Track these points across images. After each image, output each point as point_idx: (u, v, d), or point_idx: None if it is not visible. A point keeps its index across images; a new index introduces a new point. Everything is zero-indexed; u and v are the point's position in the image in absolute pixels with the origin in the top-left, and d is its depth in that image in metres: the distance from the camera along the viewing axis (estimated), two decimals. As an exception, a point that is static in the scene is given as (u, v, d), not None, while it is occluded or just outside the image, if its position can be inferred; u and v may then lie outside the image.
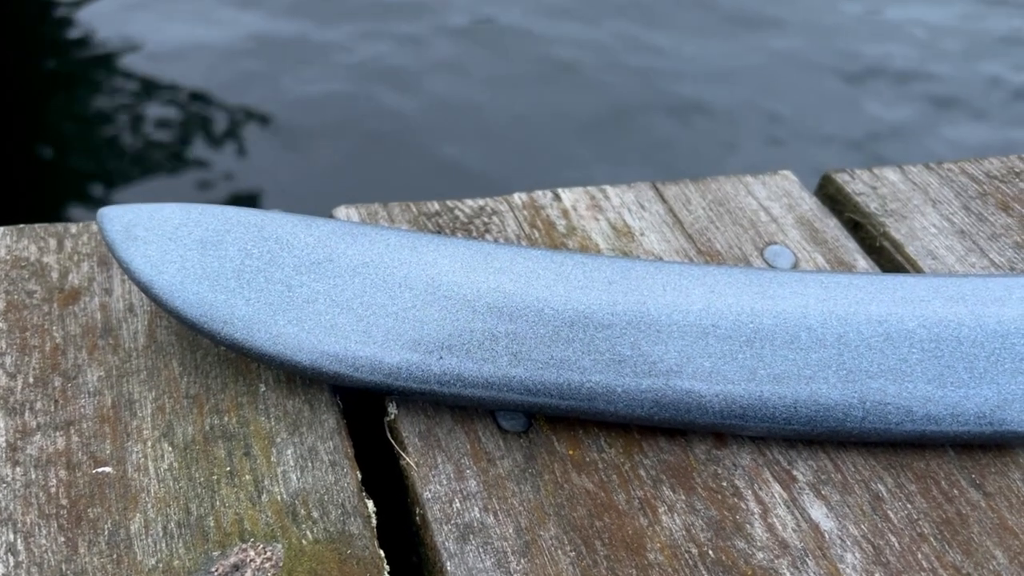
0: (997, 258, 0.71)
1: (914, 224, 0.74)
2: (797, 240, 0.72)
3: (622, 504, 0.54)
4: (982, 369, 0.56)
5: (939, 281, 0.60)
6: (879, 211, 0.75)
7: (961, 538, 0.53)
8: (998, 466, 0.57)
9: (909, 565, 0.51)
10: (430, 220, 0.72)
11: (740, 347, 0.56)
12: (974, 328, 0.57)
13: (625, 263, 0.60)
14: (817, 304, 0.58)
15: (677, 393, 0.55)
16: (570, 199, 0.74)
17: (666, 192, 0.76)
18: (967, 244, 0.72)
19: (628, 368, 0.56)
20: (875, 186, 0.77)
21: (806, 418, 0.55)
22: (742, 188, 0.76)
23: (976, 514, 0.54)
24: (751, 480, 0.55)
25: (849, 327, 0.57)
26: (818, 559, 0.52)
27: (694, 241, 0.71)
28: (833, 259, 0.70)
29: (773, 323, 0.57)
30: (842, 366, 0.56)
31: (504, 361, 0.56)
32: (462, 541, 0.52)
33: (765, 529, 0.53)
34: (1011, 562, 0.52)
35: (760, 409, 0.55)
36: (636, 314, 0.57)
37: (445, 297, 0.57)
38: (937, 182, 0.78)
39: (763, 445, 0.57)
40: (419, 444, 0.57)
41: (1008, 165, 0.80)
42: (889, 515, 0.54)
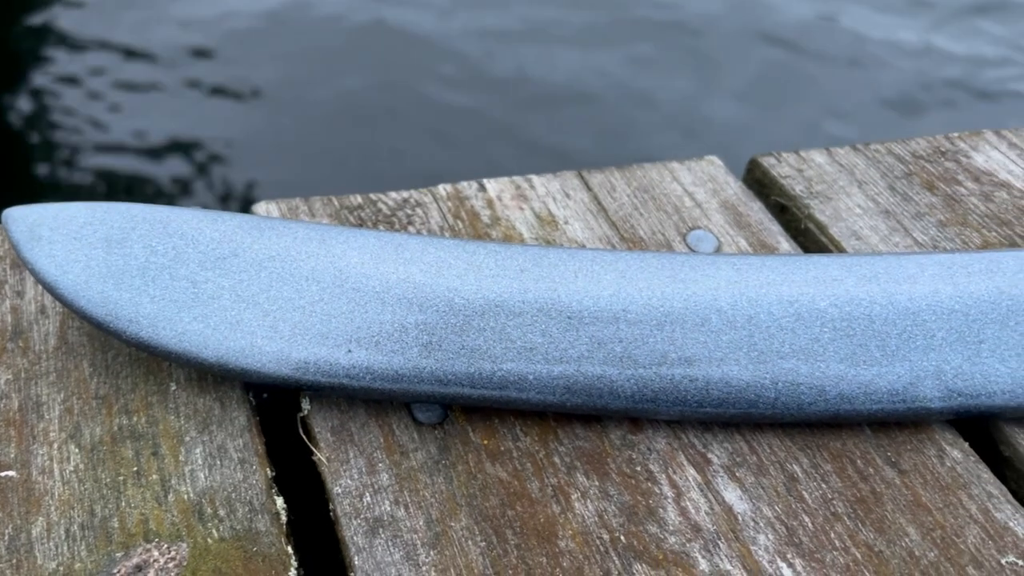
0: (921, 237, 0.71)
1: (839, 205, 0.73)
2: (721, 224, 0.71)
3: (535, 492, 0.53)
4: (894, 347, 0.56)
5: (851, 260, 0.59)
6: (804, 193, 0.75)
7: (875, 516, 0.53)
8: (914, 443, 0.57)
9: (822, 545, 0.51)
10: (352, 213, 0.71)
11: (651, 331, 0.56)
12: (886, 306, 0.57)
13: (537, 251, 0.59)
14: (728, 286, 0.57)
15: (589, 379, 0.55)
16: (495, 189, 0.74)
17: (591, 180, 0.75)
18: (891, 224, 0.72)
19: (539, 355, 0.55)
20: (801, 169, 0.77)
21: (718, 400, 0.55)
22: (668, 174, 0.76)
23: (891, 492, 0.54)
24: (665, 464, 0.55)
25: (760, 308, 0.56)
26: (730, 542, 0.51)
27: (618, 228, 0.71)
28: (756, 242, 0.70)
29: (683, 306, 0.56)
30: (753, 347, 0.55)
31: (414, 352, 0.55)
32: (371, 535, 0.51)
33: (678, 513, 0.52)
34: (923, 538, 0.52)
35: (672, 392, 0.55)
36: (547, 301, 0.56)
37: (353, 289, 0.56)
38: (864, 163, 0.78)
39: (679, 429, 0.57)
40: (331, 439, 0.56)
41: (935, 145, 0.80)
42: (803, 495, 0.54)
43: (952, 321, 0.56)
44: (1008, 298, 0.57)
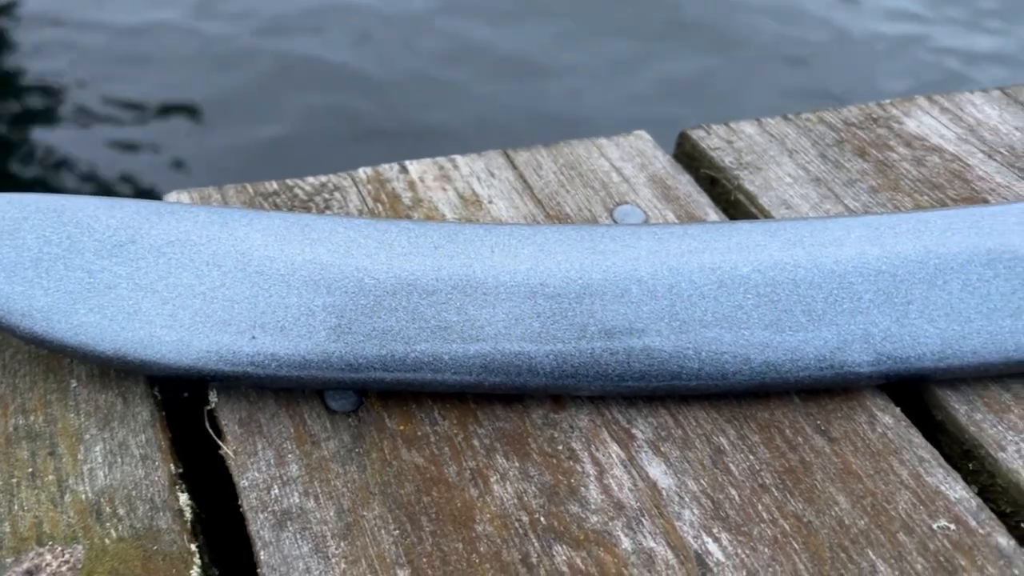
0: (852, 203, 0.69)
1: (769, 175, 0.72)
2: (649, 199, 0.70)
3: (452, 477, 0.51)
4: (820, 311, 0.54)
5: (776, 226, 0.58)
6: (734, 164, 0.73)
7: (804, 486, 0.51)
8: (844, 410, 0.55)
9: (749, 517, 0.49)
10: (267, 200, 0.68)
11: (569, 304, 0.54)
12: (811, 270, 0.55)
13: (453, 227, 0.57)
14: (649, 256, 0.55)
15: (506, 356, 0.53)
16: (417, 171, 0.72)
17: (517, 159, 0.73)
18: (822, 191, 0.70)
19: (455, 334, 0.53)
20: (731, 140, 0.75)
21: (640, 373, 0.53)
22: (595, 150, 0.74)
23: (820, 461, 0.52)
24: (588, 442, 0.53)
25: (681, 277, 0.54)
26: (654, 518, 0.49)
27: (543, 206, 0.69)
28: (684, 215, 0.68)
29: (603, 278, 0.54)
30: (675, 317, 0.53)
31: (323, 336, 0.52)
32: (278, 528, 0.48)
33: (601, 491, 0.50)
34: (853, 506, 0.50)
35: (592, 367, 0.53)
36: (462, 278, 0.54)
37: (257, 273, 0.54)
38: (794, 132, 0.76)
39: (602, 405, 0.55)
40: (239, 431, 0.53)
41: (867, 112, 0.79)
42: (730, 468, 0.52)
43: (879, 283, 0.55)
44: (936, 257, 0.56)
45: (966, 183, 0.71)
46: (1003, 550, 0.48)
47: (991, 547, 0.48)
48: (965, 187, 0.71)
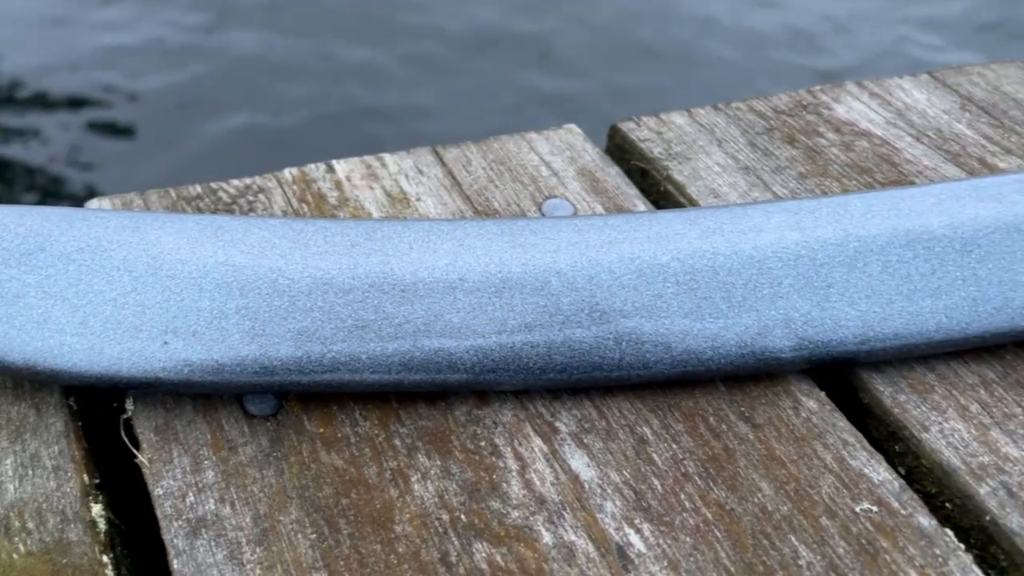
0: (780, 190, 0.69)
1: (698, 165, 0.72)
2: (578, 192, 0.69)
3: (372, 478, 0.50)
4: (740, 297, 0.54)
5: (696, 214, 0.57)
6: (663, 155, 0.73)
7: (727, 474, 0.51)
8: (769, 396, 0.55)
9: (671, 507, 0.49)
10: (190, 204, 0.67)
11: (489, 299, 0.53)
12: (730, 256, 0.55)
13: (371, 224, 0.56)
14: (569, 248, 0.55)
15: (426, 353, 0.52)
16: (344, 170, 0.71)
17: (446, 155, 0.72)
18: (751, 179, 0.70)
19: (372, 333, 0.52)
20: (661, 131, 0.75)
21: (561, 365, 0.52)
22: (525, 145, 0.74)
23: (744, 447, 0.52)
24: (511, 437, 0.52)
25: (601, 268, 0.54)
26: (576, 511, 0.49)
27: (472, 202, 0.68)
28: (613, 207, 0.68)
29: (522, 271, 0.54)
30: (595, 308, 0.53)
31: (236, 340, 0.51)
32: (192, 536, 0.47)
33: (522, 486, 0.50)
34: (776, 492, 0.50)
35: (513, 361, 0.52)
36: (379, 275, 0.53)
37: (169, 277, 0.53)
38: (724, 122, 0.76)
39: (527, 399, 0.54)
40: (155, 439, 0.52)
41: (796, 99, 0.79)
42: (653, 458, 0.51)
43: (799, 267, 0.55)
44: (855, 240, 0.56)
45: (894, 166, 0.72)
46: (924, 530, 0.48)
47: (913, 528, 0.48)
48: (893, 170, 0.71)
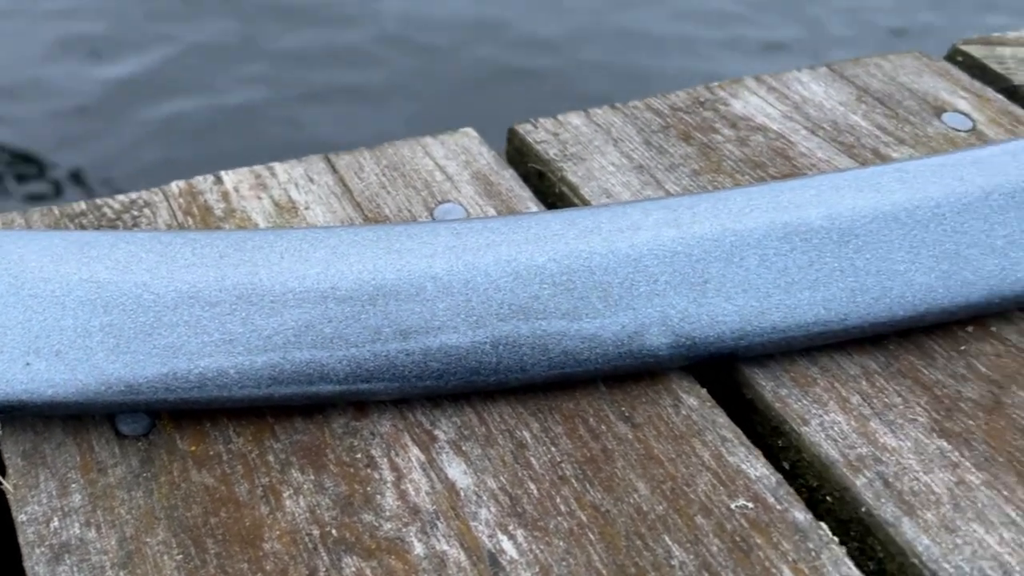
0: (673, 188, 0.69)
1: (592, 165, 0.71)
2: (471, 196, 0.68)
3: (243, 496, 0.49)
4: (617, 296, 0.53)
5: (575, 214, 0.57)
6: (558, 156, 0.72)
7: (604, 475, 0.50)
8: (649, 395, 0.54)
9: (546, 511, 0.48)
10: (73, 221, 0.66)
11: (363, 307, 0.52)
12: (607, 256, 0.54)
13: (242, 235, 0.55)
14: (445, 252, 0.54)
15: (296, 365, 0.51)
16: (233, 180, 0.69)
17: (338, 163, 0.71)
18: (644, 178, 0.70)
19: (240, 346, 0.51)
20: (557, 132, 0.74)
21: (438, 372, 0.52)
22: (420, 150, 0.73)
23: (622, 448, 0.51)
24: (389, 447, 0.51)
25: (477, 271, 0.53)
26: (450, 520, 0.48)
27: (362, 209, 0.67)
28: (505, 210, 0.67)
29: (397, 277, 0.53)
30: (471, 312, 0.52)
31: (101, 358, 0.50)
32: (55, 563, 0.46)
33: (397, 497, 0.49)
34: (653, 492, 0.49)
35: (388, 370, 0.51)
36: (248, 287, 0.52)
37: (31, 296, 0.51)
38: (621, 121, 0.76)
39: (406, 408, 0.53)
40: (21, 464, 0.51)
41: (694, 96, 0.79)
42: (531, 462, 0.51)
43: (676, 264, 0.54)
44: (732, 234, 0.55)
45: (788, 160, 0.72)
46: (799, 525, 0.48)
47: (787, 523, 0.48)
48: (787, 164, 0.71)
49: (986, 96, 0.79)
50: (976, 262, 0.56)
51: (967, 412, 0.53)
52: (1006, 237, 0.57)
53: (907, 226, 0.56)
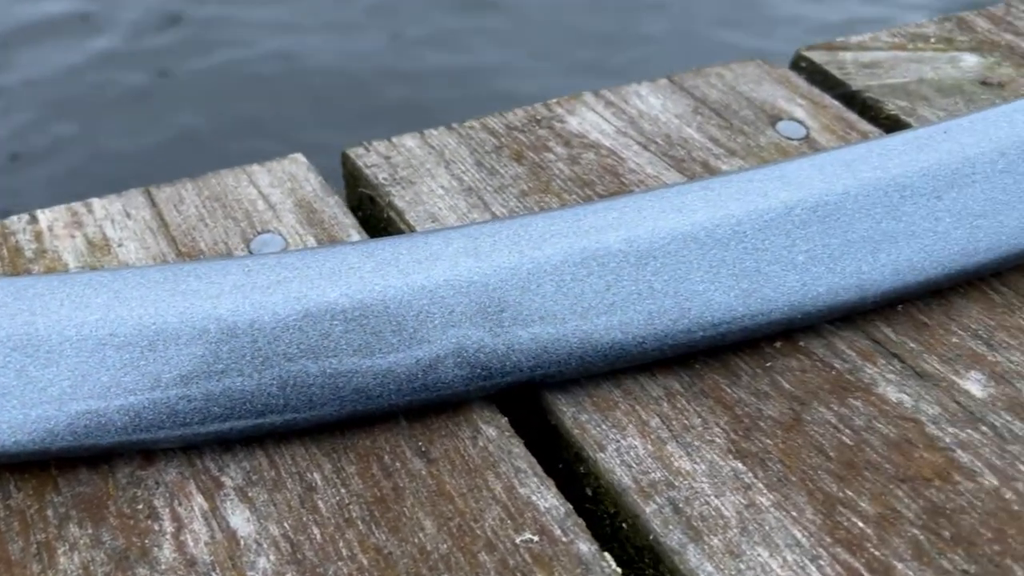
0: (500, 210, 0.68)
1: (421, 189, 0.70)
2: (292, 225, 0.67)
3: (16, 554, 0.47)
4: (411, 329, 0.53)
5: (375, 245, 0.56)
6: (387, 181, 0.71)
7: (391, 515, 0.49)
8: (449, 427, 0.53)
9: (328, 556, 0.47)
10: None
11: (141, 353, 0.51)
12: (402, 288, 0.53)
13: (25, 282, 0.53)
14: (232, 291, 0.53)
15: (72, 417, 0.49)
16: (48, 219, 0.67)
17: (158, 195, 0.70)
18: (472, 200, 0.69)
19: (14, 400, 0.49)
20: (389, 156, 0.73)
21: (222, 416, 0.50)
22: (245, 178, 0.71)
23: (414, 485, 0.50)
24: (172, 497, 0.50)
25: (264, 310, 0.52)
26: (226, 570, 0.46)
27: (177, 244, 0.65)
28: (327, 238, 0.66)
29: (179, 321, 0.51)
30: (257, 353, 0.51)
31: None
32: None
33: (175, 549, 0.47)
34: (439, 530, 0.48)
35: (169, 417, 0.50)
36: (23, 337, 0.50)
37: None
38: (455, 142, 0.75)
39: (195, 454, 0.52)
40: None
41: (531, 114, 0.78)
42: (319, 505, 0.50)
43: (472, 294, 0.54)
44: (530, 261, 0.55)
45: (616, 177, 0.71)
46: (583, 557, 0.47)
47: (571, 555, 0.47)
48: (615, 181, 0.71)
49: (823, 103, 0.80)
50: (777, 279, 0.56)
51: (766, 431, 0.53)
52: (808, 252, 0.57)
53: (706, 245, 0.56)
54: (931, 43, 0.88)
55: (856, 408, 0.54)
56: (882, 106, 0.80)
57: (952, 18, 0.92)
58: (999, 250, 0.60)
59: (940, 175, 0.60)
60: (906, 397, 0.55)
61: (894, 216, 0.59)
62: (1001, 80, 0.83)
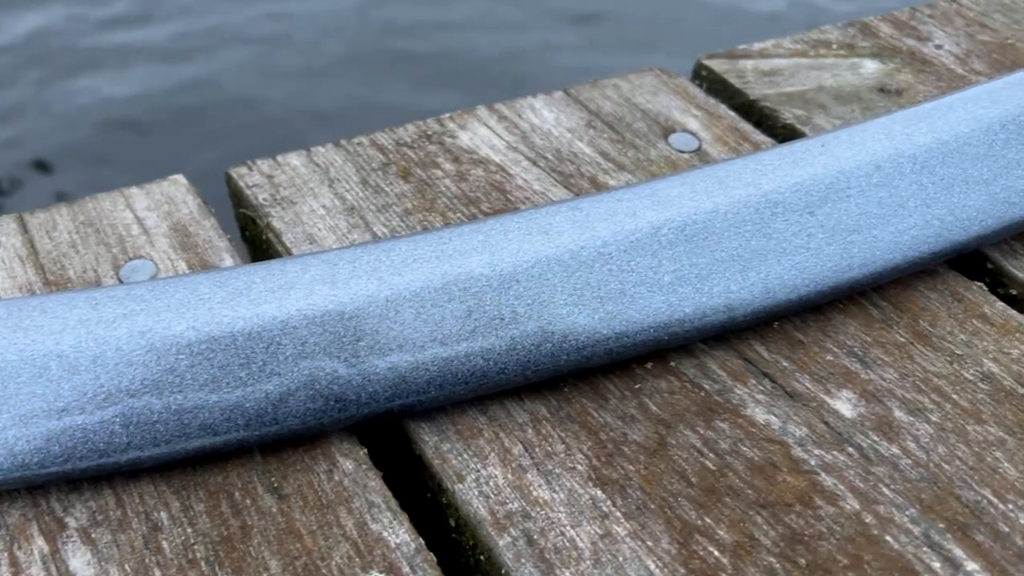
0: (381, 230, 0.67)
1: (302, 209, 0.69)
2: (165, 250, 0.65)
3: None
4: (261, 362, 0.51)
5: (229, 274, 0.54)
6: (268, 201, 0.70)
7: (236, 555, 0.48)
8: (306, 461, 0.52)
9: (167, 601, 0.46)
10: None
11: (-22, 393, 0.49)
12: (251, 319, 0.52)
13: None
14: (75, 327, 0.51)
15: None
16: (-87, 249, 0.65)
17: (31, 222, 0.68)
18: (353, 220, 0.68)
19: None
20: (272, 175, 0.72)
21: (63, 456, 0.49)
22: (121, 201, 0.69)
23: (263, 523, 0.49)
24: (13, 540, 0.48)
25: (108, 346, 0.50)
26: (59, 619, 0.45)
27: (45, 272, 0.64)
28: (199, 264, 0.64)
29: (19, 359, 0.50)
30: (99, 390, 0.49)
31: None
32: None
33: (8, 597, 0.46)
34: (284, 570, 0.47)
35: (8, 458, 0.48)
36: None
37: None
38: (342, 159, 0.74)
39: (40, 494, 0.50)
40: None
41: (423, 129, 0.77)
42: (163, 546, 0.48)
43: (327, 323, 0.52)
44: (389, 288, 0.54)
45: (503, 194, 0.70)
46: (429, 594, 0.46)
47: (418, 593, 0.46)
48: (501, 199, 0.70)
49: (718, 114, 0.79)
50: (643, 300, 0.55)
51: (629, 456, 0.52)
52: (674, 272, 0.56)
53: (571, 268, 0.55)
54: (833, 49, 0.87)
55: (722, 431, 0.54)
56: (778, 115, 0.79)
57: (856, 23, 0.92)
58: (873, 265, 0.59)
59: (814, 190, 0.60)
60: (774, 418, 0.54)
61: (764, 233, 0.58)
62: (899, 87, 0.83)
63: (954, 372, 0.57)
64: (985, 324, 0.60)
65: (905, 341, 0.59)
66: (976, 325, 0.60)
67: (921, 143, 0.63)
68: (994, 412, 0.55)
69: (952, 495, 0.50)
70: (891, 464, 0.52)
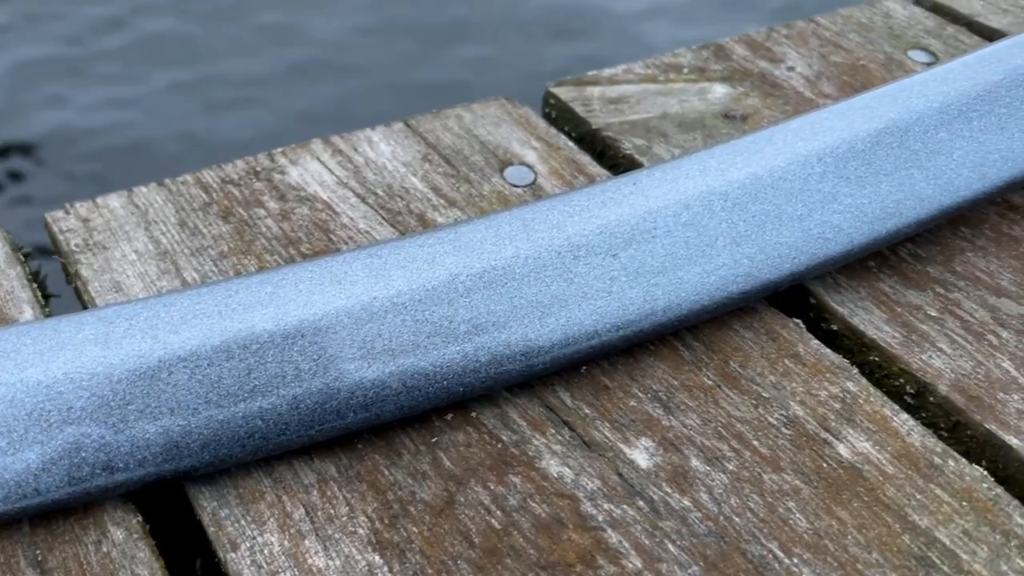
0: (192, 276, 0.65)
1: (113, 255, 0.66)
2: (-38, 302, 0.63)
3: None
4: (22, 430, 0.49)
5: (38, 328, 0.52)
6: (79, 248, 0.67)
7: (-15, 639, 0.45)
8: (76, 531, 0.50)
9: None
10: None
11: None
12: (15, 385, 0.50)
13: None
14: None
15: None
16: None
17: None
18: (165, 266, 0.66)
19: None
20: (89, 219, 0.69)
21: None
22: (-75, 250, 0.67)
23: (18, 602, 0.47)
24: None
25: None
26: None
27: None
28: None
29: None
30: None
31: None
32: None
33: None
34: (33, 654, 0.45)
35: None
36: None
37: None
38: (163, 199, 0.71)
39: None
40: None
41: (252, 165, 0.75)
42: (-93, 632, 0.46)
43: (96, 388, 0.50)
44: (163, 347, 0.52)
45: (326, 234, 0.69)
46: (182, 676, 0.44)
47: (171, 675, 0.44)
48: (324, 239, 0.68)
49: (557, 145, 0.78)
50: (436, 352, 0.54)
51: (414, 517, 0.51)
52: (470, 321, 0.55)
53: (361, 320, 0.54)
54: (684, 74, 0.87)
55: (514, 485, 0.52)
56: (619, 145, 0.78)
57: (711, 45, 0.91)
58: (679, 308, 0.58)
59: (619, 232, 0.59)
60: (568, 471, 0.53)
61: (566, 278, 0.57)
62: (745, 112, 0.82)
63: (758, 417, 0.56)
64: (797, 364, 0.60)
65: (712, 384, 0.58)
66: (787, 365, 0.60)
67: (735, 179, 0.62)
68: (793, 459, 0.54)
69: (738, 550, 0.50)
70: (680, 518, 0.51)
